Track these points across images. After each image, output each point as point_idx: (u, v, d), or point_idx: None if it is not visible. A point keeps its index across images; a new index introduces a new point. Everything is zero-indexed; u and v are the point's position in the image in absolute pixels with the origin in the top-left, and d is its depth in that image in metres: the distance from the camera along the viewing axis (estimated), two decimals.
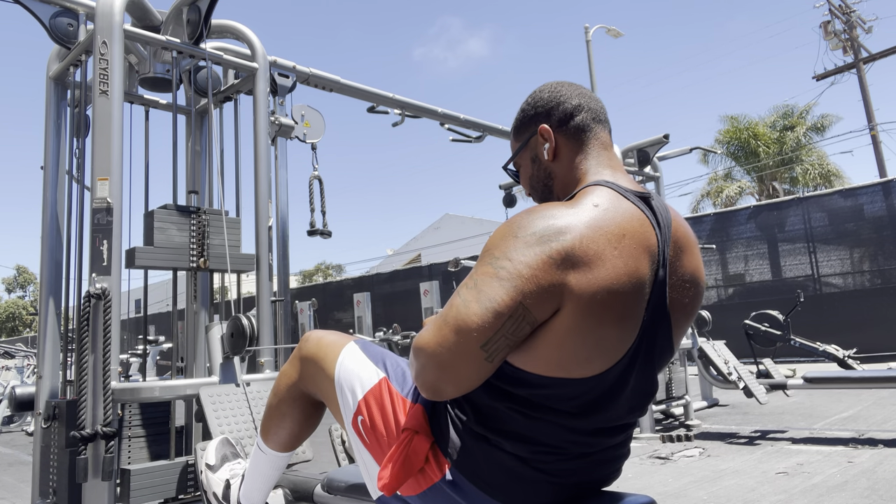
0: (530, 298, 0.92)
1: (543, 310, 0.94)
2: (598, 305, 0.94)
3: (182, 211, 2.59)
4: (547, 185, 1.22)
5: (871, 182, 10.59)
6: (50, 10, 2.55)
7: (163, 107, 3.10)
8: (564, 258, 0.93)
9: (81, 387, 2.11)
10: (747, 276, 11.49)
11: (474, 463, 1.06)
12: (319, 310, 13.35)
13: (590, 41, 14.69)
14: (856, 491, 2.93)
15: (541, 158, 1.21)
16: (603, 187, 1.07)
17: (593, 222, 0.97)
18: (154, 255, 2.47)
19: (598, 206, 1.01)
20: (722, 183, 18.88)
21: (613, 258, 0.95)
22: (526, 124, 1.24)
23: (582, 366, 0.98)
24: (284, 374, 1.43)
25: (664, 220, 1.08)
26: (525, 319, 0.93)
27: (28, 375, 8.75)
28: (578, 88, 1.22)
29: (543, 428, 1.03)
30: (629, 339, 1.00)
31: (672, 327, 1.09)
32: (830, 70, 17.35)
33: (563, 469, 1.06)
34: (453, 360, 0.95)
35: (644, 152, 5.44)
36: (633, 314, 0.99)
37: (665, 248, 1.05)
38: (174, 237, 2.53)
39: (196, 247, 2.58)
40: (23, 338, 31.33)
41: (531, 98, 1.25)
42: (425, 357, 0.97)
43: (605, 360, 0.99)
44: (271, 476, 1.50)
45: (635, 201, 1.06)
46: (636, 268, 0.98)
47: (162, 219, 2.51)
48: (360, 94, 3.79)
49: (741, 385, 4.75)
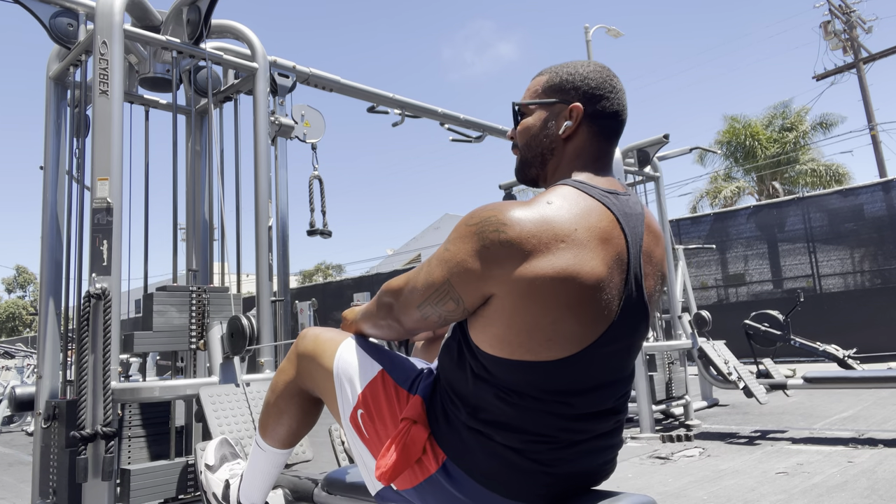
0: (456, 278, 1.07)
1: (469, 290, 1.06)
2: (543, 291, 1.01)
3: (182, 291, 2.55)
4: (544, 156, 1.21)
5: (871, 182, 10.60)
6: (50, 10, 2.55)
7: (163, 107, 3.10)
8: (499, 248, 1.02)
9: (81, 387, 2.11)
10: (747, 276, 11.49)
11: (470, 455, 1.09)
12: (319, 310, 13.36)
13: (590, 41, 14.70)
14: (856, 491, 2.93)
15: (555, 128, 1.19)
16: (567, 187, 1.11)
17: (540, 218, 1.03)
18: (152, 339, 2.45)
19: (552, 203, 1.06)
20: (721, 183, 18.89)
21: (560, 250, 1.01)
22: (564, 89, 1.19)
23: (544, 347, 1.03)
24: (282, 371, 1.44)
25: (633, 214, 1.13)
26: (449, 294, 1.09)
27: (28, 375, 8.75)
28: (624, 93, 1.21)
29: (530, 416, 1.06)
30: (598, 326, 1.05)
31: (650, 314, 1.15)
32: (830, 70, 17.36)
33: (556, 458, 1.08)
34: (402, 307, 1.20)
35: (644, 152, 5.44)
36: (594, 301, 1.03)
37: (634, 241, 1.10)
38: (174, 319, 2.50)
39: (196, 327, 2.55)
40: (23, 338, 31.32)
41: (582, 70, 1.19)
42: (391, 294, 1.22)
43: (568, 344, 1.04)
44: (271, 474, 1.50)
45: (601, 198, 1.09)
46: (589, 258, 1.02)
47: (161, 301, 2.48)
48: (360, 94, 3.79)
49: (741, 385, 4.75)
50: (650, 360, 5.13)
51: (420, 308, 1.15)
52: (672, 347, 5.31)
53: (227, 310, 2.60)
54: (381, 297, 1.25)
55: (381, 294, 1.25)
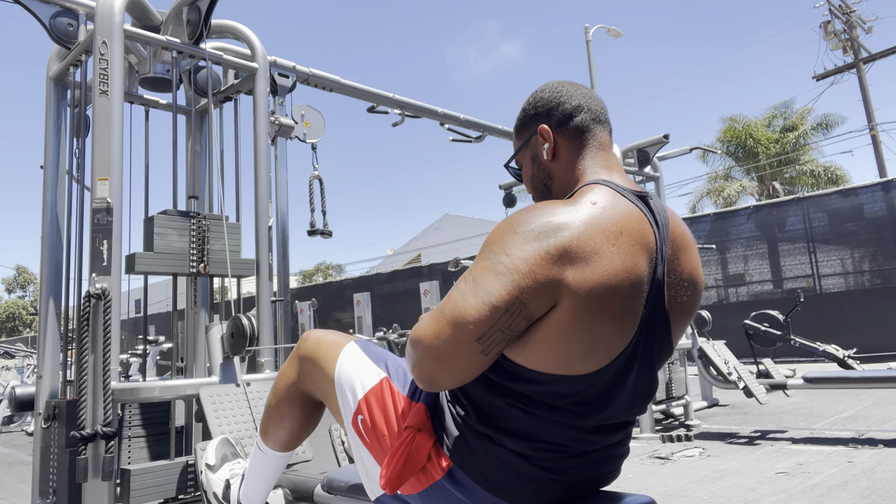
0: (527, 293, 0.93)
1: (540, 305, 0.95)
2: (596, 301, 0.95)
3: (182, 216, 2.58)
4: (546, 184, 1.23)
5: (871, 182, 10.59)
6: (50, 10, 2.54)
7: (163, 107, 3.10)
8: (562, 254, 0.95)
9: (81, 387, 2.11)
10: (747, 276, 11.49)
11: (476, 461, 1.07)
12: (319, 310, 13.34)
13: (590, 41, 14.69)
14: (856, 491, 2.93)
15: (540, 158, 1.22)
16: (601, 186, 1.08)
17: (591, 219, 0.99)
18: (154, 260, 2.47)
19: (597, 203, 1.02)
20: (722, 183, 18.89)
21: (611, 255, 0.97)
22: (527, 124, 1.25)
23: (581, 362, 0.98)
24: (283, 374, 1.43)
25: (662, 218, 1.09)
26: (521, 314, 0.94)
27: (28, 375, 8.75)
28: (580, 88, 1.23)
29: (544, 425, 1.03)
30: (627, 336, 1.01)
31: (671, 325, 1.10)
32: (830, 70, 17.35)
33: (564, 467, 1.06)
34: (450, 352, 0.96)
35: (644, 152, 5.44)
36: (631, 311, 1.00)
37: (663, 247, 1.06)
38: (174, 242, 2.52)
39: (196, 252, 2.57)
40: (23, 338, 31.31)
41: (532, 98, 1.25)
42: (423, 349, 0.98)
43: (602, 356, 0.99)
44: (271, 476, 1.50)
45: (633, 200, 1.07)
46: (634, 264, 0.99)
47: (162, 224, 2.50)
48: (360, 94, 3.79)
49: (741, 385, 4.75)
50: None
51: (482, 341, 0.94)
52: None
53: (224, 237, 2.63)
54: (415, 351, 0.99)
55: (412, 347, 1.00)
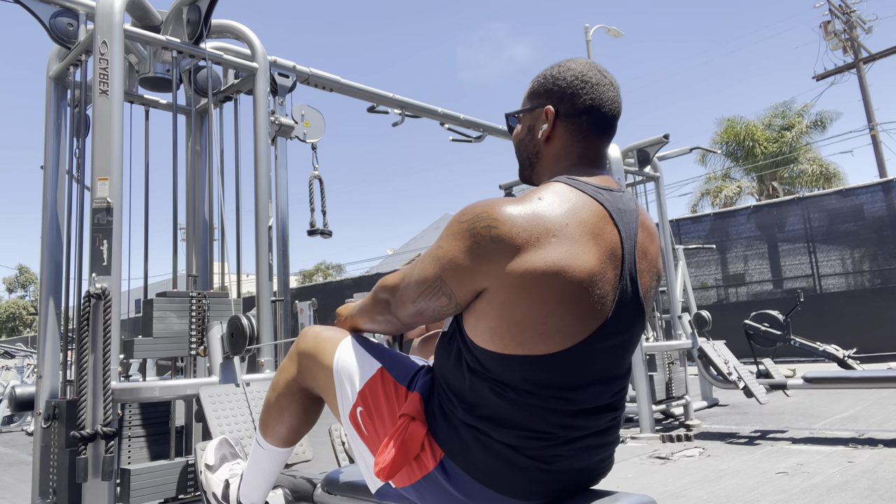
0: (448, 274, 1.09)
1: (460, 285, 1.09)
2: (534, 284, 1.02)
3: (181, 297, 2.54)
4: (531, 161, 1.26)
5: (870, 182, 10.59)
6: (50, 9, 2.55)
7: (163, 107, 3.10)
8: (490, 244, 1.03)
9: (81, 387, 2.11)
10: (747, 276, 11.49)
11: (467, 452, 1.09)
12: (319, 309, 13.35)
13: (590, 41, 14.70)
14: (856, 491, 2.93)
15: (535, 133, 1.24)
16: (559, 183, 1.12)
17: (531, 213, 1.05)
18: (153, 345, 2.45)
19: (543, 199, 1.07)
20: (721, 183, 18.88)
21: (551, 244, 1.03)
22: (539, 94, 1.24)
23: (537, 341, 1.04)
24: (283, 370, 1.45)
25: (629, 212, 1.13)
26: (441, 290, 1.11)
27: (28, 375, 8.75)
28: (601, 86, 1.19)
29: (526, 411, 1.07)
30: (591, 321, 1.05)
31: (645, 312, 1.16)
32: (830, 70, 17.35)
33: (552, 455, 1.08)
34: (397, 301, 1.23)
35: (644, 152, 5.43)
36: (586, 296, 1.04)
37: (625, 238, 1.10)
38: (174, 325, 2.49)
39: (196, 333, 2.54)
40: (23, 338, 31.30)
41: (556, 71, 1.22)
42: (387, 291, 1.25)
43: (561, 338, 1.04)
44: (271, 473, 1.51)
45: (594, 194, 1.10)
46: (580, 253, 1.03)
47: (161, 307, 2.48)
48: (360, 94, 3.79)
49: (741, 385, 4.74)
50: (650, 360, 5.13)
51: (415, 303, 1.18)
52: (672, 347, 5.30)
53: (227, 314, 2.60)
54: (378, 293, 1.28)
55: (377, 290, 1.29)
